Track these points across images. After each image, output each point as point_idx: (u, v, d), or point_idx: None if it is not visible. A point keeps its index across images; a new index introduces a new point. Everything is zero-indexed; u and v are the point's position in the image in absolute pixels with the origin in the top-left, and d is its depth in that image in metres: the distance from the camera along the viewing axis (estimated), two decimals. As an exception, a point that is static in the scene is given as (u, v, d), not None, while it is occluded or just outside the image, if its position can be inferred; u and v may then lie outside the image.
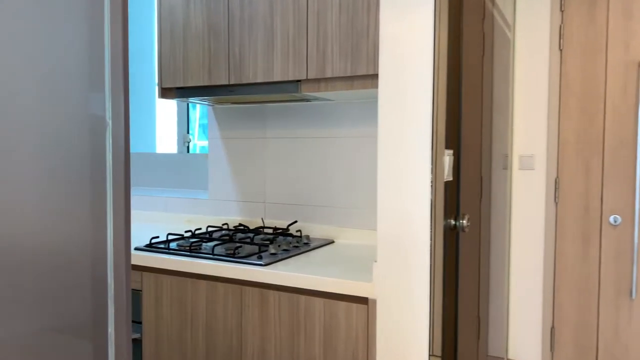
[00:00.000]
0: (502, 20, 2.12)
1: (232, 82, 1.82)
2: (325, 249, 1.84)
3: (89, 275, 0.60)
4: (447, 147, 1.42)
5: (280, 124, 2.12)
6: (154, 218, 2.44)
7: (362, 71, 1.60)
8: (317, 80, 1.69)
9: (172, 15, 1.94)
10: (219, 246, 1.79)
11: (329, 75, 1.65)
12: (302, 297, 1.47)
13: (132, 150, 3.09)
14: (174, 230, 2.22)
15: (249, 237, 1.82)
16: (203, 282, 1.63)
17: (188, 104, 2.89)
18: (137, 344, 1.77)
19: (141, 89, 3.09)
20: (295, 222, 2.04)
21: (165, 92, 2.00)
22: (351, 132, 1.98)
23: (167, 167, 2.80)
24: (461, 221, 1.50)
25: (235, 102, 2.12)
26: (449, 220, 1.46)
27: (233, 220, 2.24)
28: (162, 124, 3.12)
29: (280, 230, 2.05)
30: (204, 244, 1.84)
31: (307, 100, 1.95)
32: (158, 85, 1.98)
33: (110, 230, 0.62)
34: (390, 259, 1.31)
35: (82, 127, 0.57)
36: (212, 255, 1.65)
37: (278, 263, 1.59)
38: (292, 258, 1.67)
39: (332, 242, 1.97)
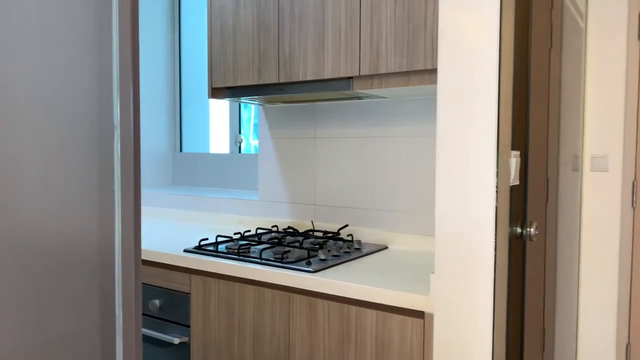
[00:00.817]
0: (573, 7, 1.95)
1: (281, 81, 1.76)
2: (377, 255, 1.75)
3: (97, 283, 0.55)
4: (513, 148, 1.29)
5: (331, 123, 2.04)
6: (206, 219, 2.43)
7: (419, 66, 1.50)
8: (370, 77, 1.60)
9: (222, 13, 1.91)
10: (267, 250, 1.74)
11: (382, 71, 1.55)
12: (353, 308, 1.38)
13: (186, 150, 3.11)
14: (225, 231, 2.19)
15: (298, 241, 1.76)
16: (250, 287, 1.57)
17: (239, 104, 2.87)
18: (185, 347, 1.75)
19: (195, 90, 3.10)
20: (346, 225, 1.96)
21: (216, 92, 1.97)
22: (406, 131, 1.87)
23: (219, 168, 2.79)
24: (528, 229, 1.36)
25: (285, 101, 2.06)
26: (514, 228, 1.33)
27: (283, 222, 2.18)
28: (216, 124, 3.13)
29: (331, 234, 1.97)
30: (252, 247, 1.79)
31: (360, 97, 1.86)
32: (208, 85, 1.95)
33: (119, 230, 0.57)
34: (449, 270, 1.20)
35: (90, 129, 0.53)
36: (260, 260, 1.60)
37: (327, 270, 1.51)
38: (343, 265, 1.59)
39: (386, 247, 1.87)
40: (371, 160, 1.95)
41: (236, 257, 1.65)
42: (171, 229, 2.23)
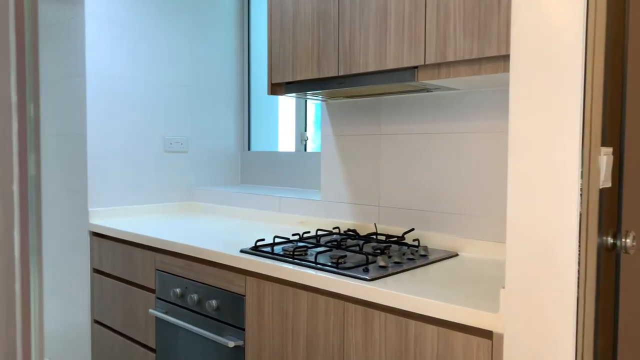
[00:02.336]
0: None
1: (341, 73, 1.65)
2: (446, 263, 1.59)
3: None
4: (604, 144, 1.09)
5: (397, 118, 1.90)
6: (269, 218, 2.37)
7: (491, 52, 1.32)
8: (437, 66, 1.45)
9: (282, 5, 1.83)
10: (323, 254, 1.64)
11: (450, 58, 1.40)
12: (412, 322, 1.24)
13: (254, 149, 3.08)
14: (287, 231, 2.12)
15: (358, 245, 1.64)
16: (304, 293, 1.48)
17: (305, 101, 2.79)
18: (239, 351, 1.69)
19: (264, 88, 3.07)
20: (412, 229, 1.81)
21: (275, 88, 1.90)
22: (480, 126, 1.69)
23: (285, 166, 2.73)
24: (623, 240, 1.15)
25: (348, 96, 1.94)
26: (605, 239, 1.13)
27: (345, 223, 2.07)
28: (285, 122, 3.08)
29: (395, 239, 1.83)
30: (309, 249, 1.70)
31: (428, 90, 1.71)
32: (268, 80, 1.89)
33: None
34: (522, 286, 1.03)
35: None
36: (315, 264, 1.50)
37: (387, 278, 1.38)
38: (405, 273, 1.45)
39: (456, 255, 1.70)
40: (441, 159, 1.79)
41: (290, 259, 1.56)
42: (233, 228, 2.20)
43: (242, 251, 1.70)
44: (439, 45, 1.41)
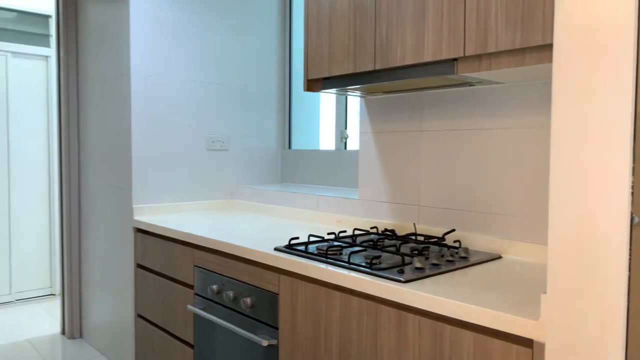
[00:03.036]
0: None
1: (377, 68, 1.60)
2: (487, 266, 1.51)
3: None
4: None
5: (438, 114, 1.83)
6: (307, 217, 2.35)
7: (536, 41, 1.24)
8: (478, 57, 1.37)
9: (319, -1, 1.80)
10: (358, 254, 1.59)
11: (492, 49, 1.32)
12: (447, 327, 1.18)
13: (295, 147, 3.07)
14: (324, 230, 2.09)
15: (395, 246, 1.58)
16: (337, 294, 1.44)
17: (346, 98, 2.75)
18: (273, 350, 1.67)
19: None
20: (453, 230, 1.73)
21: (311, 85, 1.87)
22: (526, 122, 1.59)
23: (325, 165, 2.70)
24: (684, 244, 1.04)
25: (387, 91, 1.89)
26: (662, 243, 1.02)
27: (383, 223, 2.01)
28: (326, 120, 3.05)
29: (434, 239, 1.76)
30: (344, 249, 1.66)
31: (470, 84, 1.63)
32: (304, 77, 1.86)
33: None
34: (565, 291, 0.95)
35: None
36: (347, 264, 1.45)
37: (423, 280, 1.32)
38: (443, 275, 1.38)
39: (499, 257, 1.62)
40: (484, 156, 1.70)
41: (323, 259, 1.52)
42: (271, 226, 2.19)
43: (276, 249, 1.68)
44: (479, 36, 1.34)
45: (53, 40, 4.05)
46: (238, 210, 2.73)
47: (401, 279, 1.31)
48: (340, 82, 1.75)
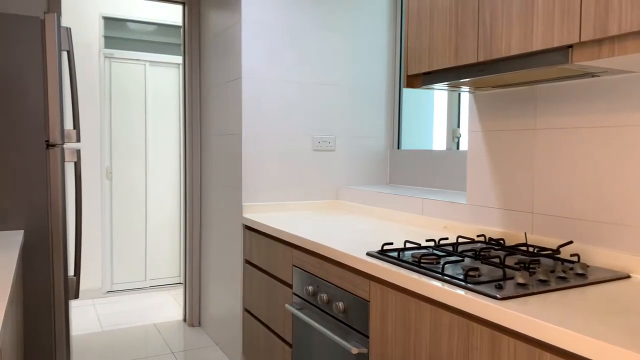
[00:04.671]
0: None
1: (481, 60, 1.45)
2: (609, 286, 1.29)
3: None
4: None
5: (556, 109, 1.61)
6: (411, 221, 2.24)
7: (672, 19, 1.01)
8: (597, 42, 1.17)
9: (420, -10, 1.69)
10: (455, 264, 1.46)
11: (614, 32, 1.11)
12: (547, 355, 1.02)
13: (405, 147, 2.97)
14: (428, 236, 1.97)
15: (499, 257, 1.42)
16: (427, 306, 1.33)
17: (459, 94, 2.58)
18: (363, 358, 1.60)
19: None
20: (571, 242, 1.51)
21: (411, 80, 1.76)
22: (665, 118, 1.33)
23: (436, 166, 2.56)
24: None
25: (496, 86, 1.72)
26: None
27: (491, 231, 1.84)
28: (439, 119, 2.90)
29: (548, 252, 1.56)
30: (442, 258, 1.53)
31: (592, 74, 1.41)
32: (404, 72, 1.76)
33: None
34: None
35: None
36: (440, 276, 1.33)
37: (525, 299, 1.16)
38: (552, 294, 1.20)
39: (627, 277, 1.37)
40: (611, 158, 1.46)
41: (415, 268, 1.42)
42: (373, 229, 2.12)
43: (368, 254, 1.61)
44: (598, 17, 1.14)
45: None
46: (342, 211, 2.70)
47: (497, 295, 1.16)
48: (441, 76, 1.63)
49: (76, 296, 2.23)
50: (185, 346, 3.05)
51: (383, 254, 1.58)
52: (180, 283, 4.43)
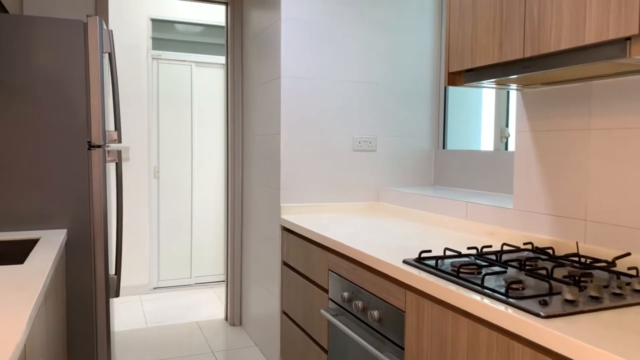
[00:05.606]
0: None
1: (527, 55, 1.34)
2: (671, 305, 1.15)
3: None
4: None
5: (612, 108, 1.47)
6: (454, 225, 2.13)
7: None
8: (659, 34, 1.04)
9: (463, -18, 1.59)
10: (497, 276, 1.36)
11: (680, 21, 0.99)
12: (596, 384, 0.91)
13: (451, 147, 2.85)
14: (471, 242, 1.86)
15: (546, 268, 1.31)
16: (464, 320, 1.24)
17: (508, 92, 2.44)
18: (398, 372, 1.53)
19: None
20: (628, 254, 1.38)
21: (453, 78, 1.66)
22: None
23: (482, 167, 2.44)
24: None
25: (546, 83, 1.59)
26: None
27: (540, 239, 1.71)
28: (487, 118, 2.76)
29: (602, 264, 1.43)
30: (483, 268, 1.43)
31: (655, 70, 1.27)
32: (445, 69, 1.67)
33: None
34: None
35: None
36: (480, 288, 1.24)
37: (573, 317, 1.05)
38: (605, 312, 1.09)
39: (693, 294, 1.23)
40: (676, 162, 1.32)
41: (453, 278, 1.33)
42: (412, 234, 2.03)
43: (404, 262, 1.53)
44: (661, 4, 1.01)
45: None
46: (382, 213, 2.62)
47: (541, 312, 1.06)
48: (484, 73, 1.52)
49: (117, 295, 2.27)
50: (225, 346, 3.06)
51: (420, 262, 1.50)
52: (224, 281, 4.48)
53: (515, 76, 1.41)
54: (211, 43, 4.39)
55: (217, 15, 4.37)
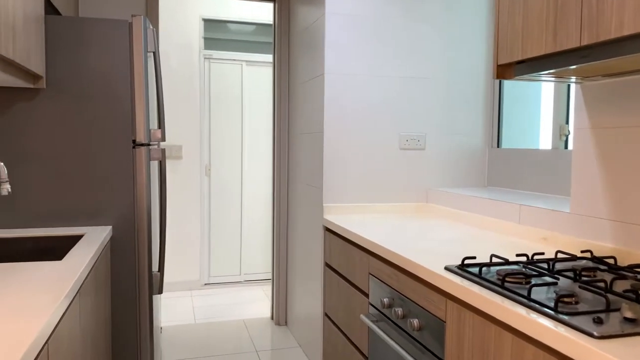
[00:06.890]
0: None
1: (584, 43, 1.20)
2: None
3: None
4: None
5: (687, 103, 1.30)
6: (505, 229, 1.99)
7: None
8: None
9: (514, -34, 1.46)
10: (547, 287, 1.23)
11: None
12: (658, 420, 0.79)
13: (506, 145, 2.69)
14: (524, 248, 1.73)
15: (604, 281, 1.18)
16: (508, 335, 1.13)
17: (568, 86, 2.26)
18: (438, 385, 1.43)
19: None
20: (703, 267, 1.21)
21: (502, 71, 1.54)
22: None
23: (539, 167, 2.28)
24: None
25: (608, 74, 1.44)
26: None
27: (600, 247, 1.55)
28: (546, 115, 2.58)
29: (671, 277, 1.26)
30: (533, 278, 1.31)
31: None
32: (494, 61, 1.54)
33: None
34: None
35: None
36: (526, 300, 1.13)
37: (631, 339, 0.93)
38: (670, 334, 0.95)
39: None
40: None
41: (498, 288, 1.22)
42: (460, 238, 1.91)
43: (446, 268, 1.43)
44: None
45: (281, 47, 4.42)
46: (430, 215, 2.50)
47: (594, 332, 0.94)
48: (536, 65, 1.39)
49: (160, 291, 2.29)
50: (269, 345, 3.05)
51: (462, 269, 1.39)
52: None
53: (571, 67, 1.28)
54: (261, 42, 4.40)
55: (266, 13, 4.37)
